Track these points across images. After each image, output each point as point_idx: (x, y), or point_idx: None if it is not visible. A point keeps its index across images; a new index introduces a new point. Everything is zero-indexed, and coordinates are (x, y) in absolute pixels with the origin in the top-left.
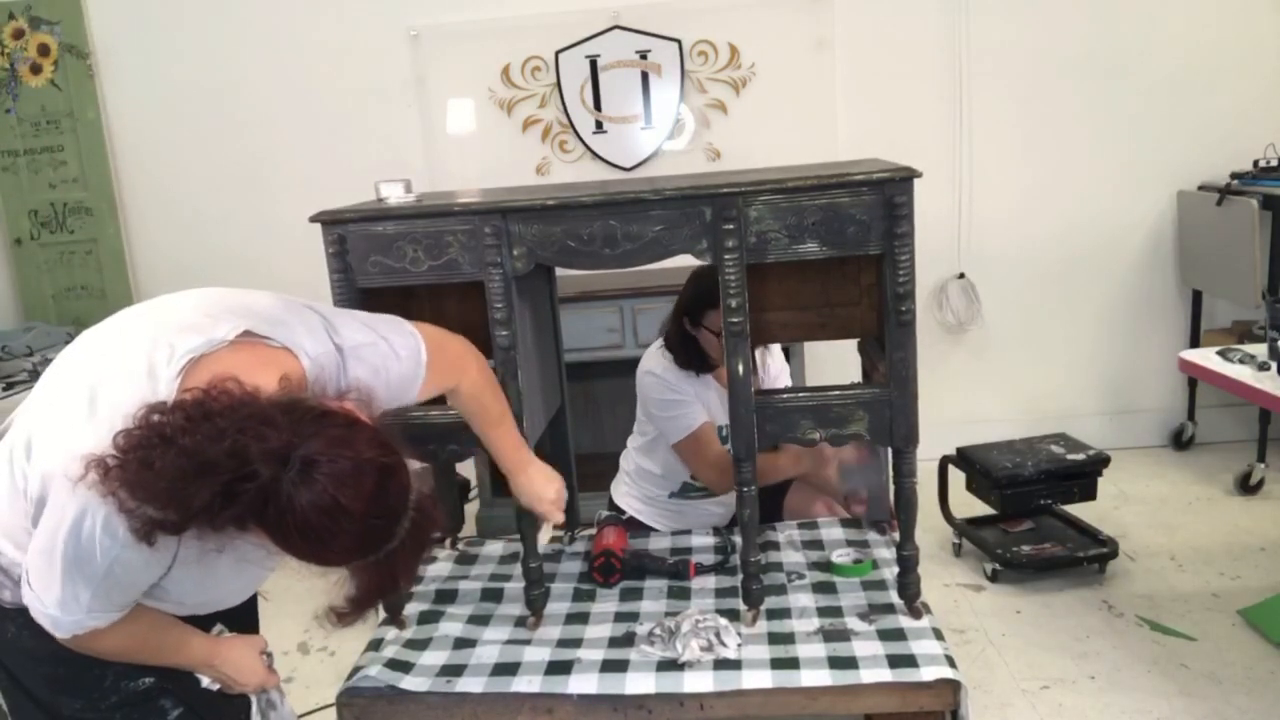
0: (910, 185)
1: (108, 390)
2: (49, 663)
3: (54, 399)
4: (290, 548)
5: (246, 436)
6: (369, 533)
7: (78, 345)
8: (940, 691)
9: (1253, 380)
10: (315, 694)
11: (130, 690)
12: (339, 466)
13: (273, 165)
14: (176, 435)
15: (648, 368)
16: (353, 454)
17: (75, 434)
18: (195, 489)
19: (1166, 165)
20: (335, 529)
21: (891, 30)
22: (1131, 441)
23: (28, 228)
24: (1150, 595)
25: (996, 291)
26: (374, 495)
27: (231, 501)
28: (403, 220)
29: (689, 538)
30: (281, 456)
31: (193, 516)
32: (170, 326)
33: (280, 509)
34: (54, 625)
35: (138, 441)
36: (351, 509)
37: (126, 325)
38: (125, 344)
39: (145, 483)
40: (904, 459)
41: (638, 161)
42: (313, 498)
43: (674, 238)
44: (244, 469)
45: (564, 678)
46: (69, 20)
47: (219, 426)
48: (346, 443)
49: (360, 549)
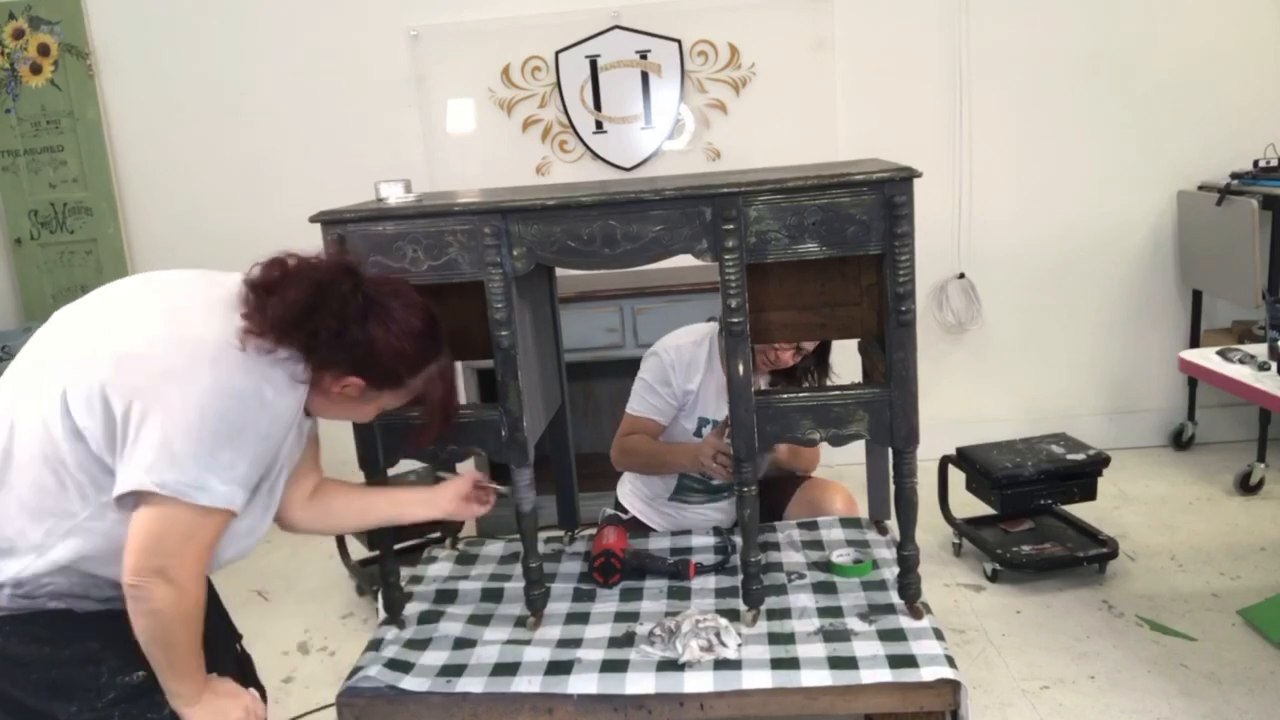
0: (910, 185)
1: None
2: (42, 667)
3: (105, 342)
4: (383, 364)
5: (330, 262)
6: (430, 336)
7: (76, 314)
8: (940, 691)
9: (1253, 380)
10: (315, 694)
11: (125, 685)
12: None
13: (273, 165)
14: (288, 267)
15: (658, 349)
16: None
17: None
18: (320, 298)
19: (1166, 165)
20: (413, 330)
21: (891, 30)
22: (1131, 441)
23: (28, 228)
24: (1150, 595)
25: (996, 291)
26: (428, 311)
27: (345, 308)
28: (402, 220)
29: (689, 538)
30: (360, 277)
31: (318, 332)
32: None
33: (381, 319)
34: (211, 498)
35: (262, 281)
36: (422, 307)
37: (146, 282)
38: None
39: (282, 317)
40: (904, 459)
41: (638, 161)
42: (398, 302)
43: (674, 238)
44: (346, 277)
45: (564, 678)
46: (69, 20)
47: (310, 259)
48: (390, 278)
49: (426, 352)
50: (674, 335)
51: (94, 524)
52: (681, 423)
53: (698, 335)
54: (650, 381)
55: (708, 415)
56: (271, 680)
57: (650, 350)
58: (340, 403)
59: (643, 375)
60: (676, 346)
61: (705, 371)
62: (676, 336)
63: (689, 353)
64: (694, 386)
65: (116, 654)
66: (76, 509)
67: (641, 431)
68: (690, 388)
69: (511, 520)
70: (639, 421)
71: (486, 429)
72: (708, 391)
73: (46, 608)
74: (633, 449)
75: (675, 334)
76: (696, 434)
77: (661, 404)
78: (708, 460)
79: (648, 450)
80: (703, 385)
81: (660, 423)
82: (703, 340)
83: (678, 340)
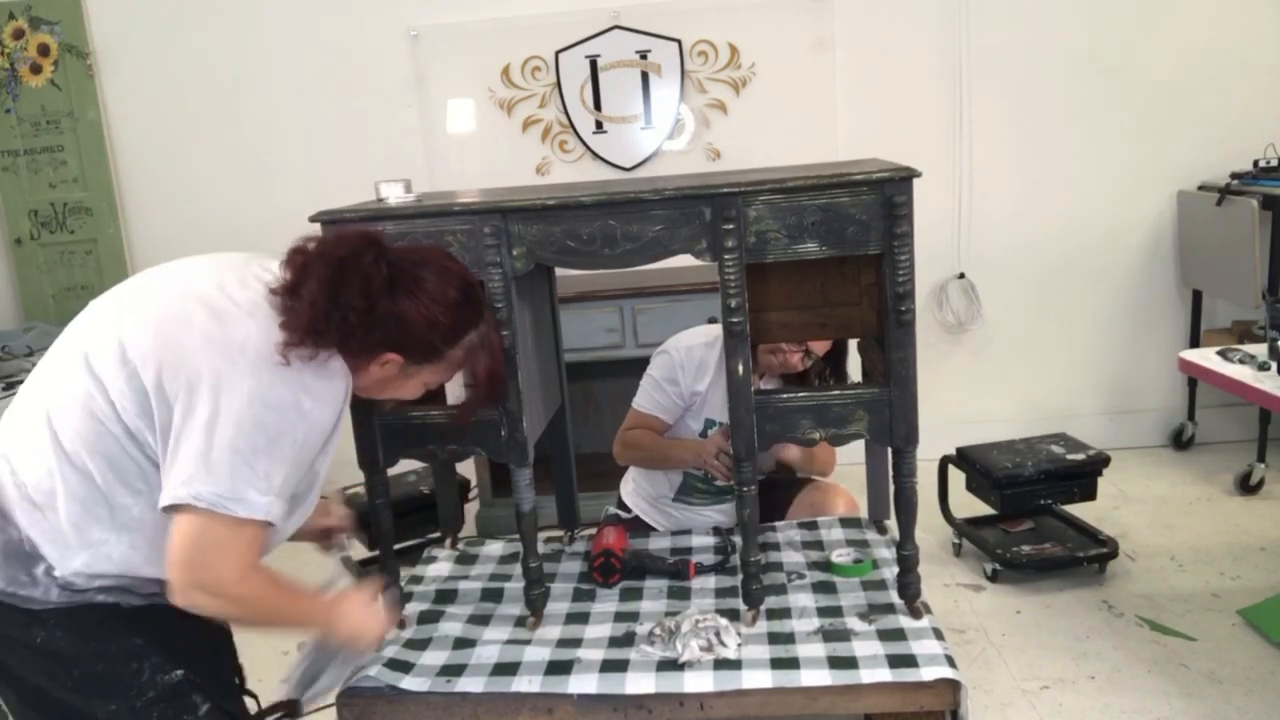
0: (910, 185)
1: (232, 302)
2: (87, 662)
3: (141, 330)
4: (416, 335)
5: (352, 236)
6: (466, 304)
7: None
8: (940, 691)
9: (1253, 380)
10: None
11: (164, 684)
12: (428, 254)
13: (273, 165)
14: (309, 255)
15: (669, 347)
16: (432, 251)
17: (219, 336)
18: (342, 278)
19: (1166, 165)
20: (447, 298)
21: (891, 30)
22: (1131, 441)
23: (28, 228)
24: (1150, 595)
25: (996, 291)
26: (464, 278)
27: (369, 283)
28: (402, 220)
29: (689, 538)
30: (384, 247)
31: (353, 310)
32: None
33: (410, 289)
34: (249, 509)
35: (288, 284)
36: (458, 274)
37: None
38: (208, 267)
39: (311, 317)
40: (904, 459)
41: (638, 161)
42: (430, 270)
43: (674, 238)
44: (369, 248)
45: (564, 678)
46: (69, 20)
47: (331, 238)
48: (422, 247)
49: (462, 320)
50: (686, 334)
51: (146, 516)
52: (688, 423)
53: (709, 336)
54: (658, 379)
55: (715, 418)
56: (271, 680)
57: (661, 348)
58: (382, 382)
59: (651, 372)
60: (688, 347)
61: (715, 374)
62: (689, 336)
63: (699, 354)
64: (702, 388)
65: (159, 651)
66: (128, 502)
67: (646, 428)
68: (699, 389)
69: (511, 520)
70: (644, 417)
71: (486, 429)
72: (716, 394)
73: (94, 601)
74: (635, 443)
75: (688, 333)
76: (703, 435)
77: (668, 402)
78: (709, 458)
79: (650, 445)
80: (711, 387)
81: (665, 420)
82: (714, 342)
83: (690, 340)
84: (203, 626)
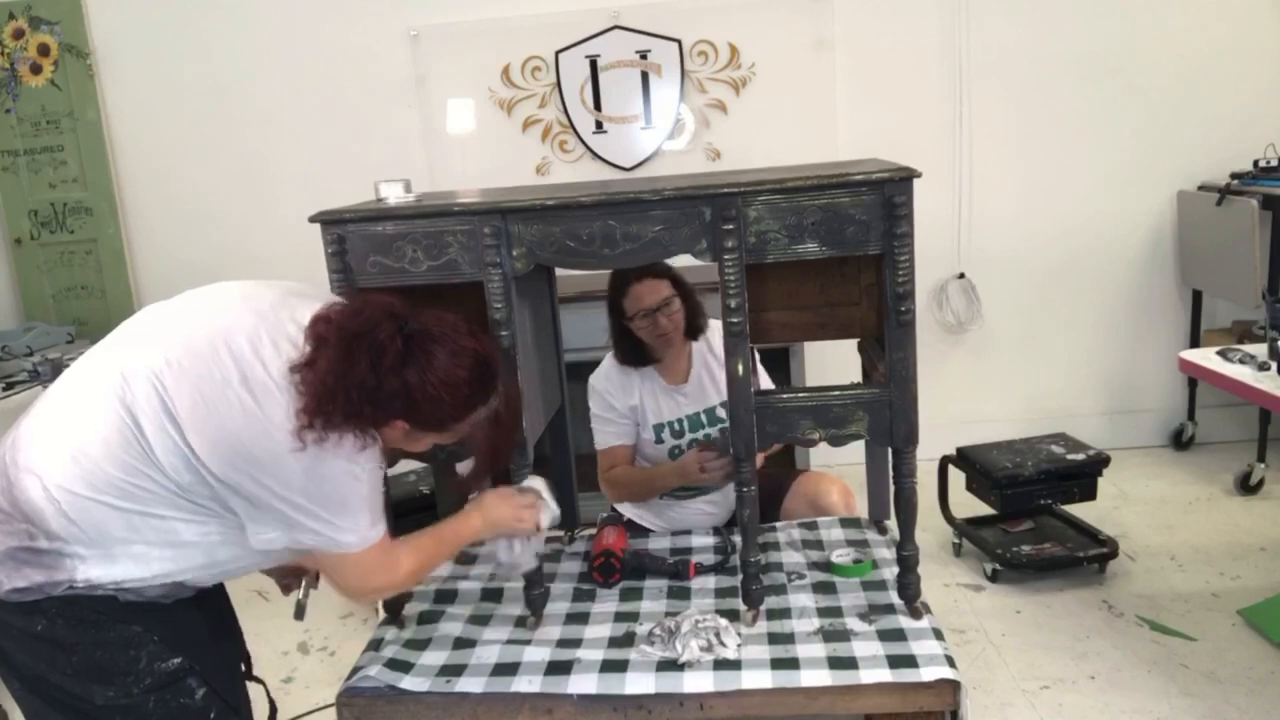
0: (910, 185)
1: (262, 360)
2: (86, 649)
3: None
4: (421, 410)
5: (373, 308)
6: (475, 384)
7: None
8: (940, 691)
9: (1253, 380)
10: (315, 694)
11: (161, 671)
12: (448, 326)
13: (273, 165)
14: (328, 327)
15: (591, 382)
16: (451, 327)
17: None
18: (354, 355)
19: (1166, 165)
20: (454, 379)
21: (891, 30)
22: (1131, 441)
23: (28, 228)
24: (1150, 595)
25: (996, 291)
26: (478, 356)
27: (381, 358)
28: (402, 220)
29: (689, 538)
30: (404, 320)
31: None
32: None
33: (420, 365)
34: (353, 544)
35: (303, 360)
36: (471, 353)
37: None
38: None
39: (319, 397)
40: (904, 459)
41: (638, 161)
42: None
43: (673, 238)
44: (387, 322)
45: (564, 678)
46: (69, 20)
47: (350, 310)
48: (443, 320)
49: (469, 401)
50: (600, 367)
51: (185, 535)
52: (642, 436)
53: (611, 358)
54: (600, 414)
55: (660, 420)
56: (272, 680)
57: (588, 389)
58: (390, 440)
59: (593, 411)
60: (605, 374)
61: (638, 384)
62: (602, 366)
63: (616, 375)
64: (635, 401)
65: (157, 639)
66: (168, 513)
67: (618, 461)
68: (633, 403)
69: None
70: (612, 453)
71: None
72: (648, 401)
73: (95, 594)
74: (619, 481)
75: (600, 366)
76: (657, 442)
77: (619, 429)
78: (696, 476)
79: (635, 479)
80: (641, 395)
81: (629, 444)
82: (618, 363)
83: (603, 369)
84: (204, 615)
